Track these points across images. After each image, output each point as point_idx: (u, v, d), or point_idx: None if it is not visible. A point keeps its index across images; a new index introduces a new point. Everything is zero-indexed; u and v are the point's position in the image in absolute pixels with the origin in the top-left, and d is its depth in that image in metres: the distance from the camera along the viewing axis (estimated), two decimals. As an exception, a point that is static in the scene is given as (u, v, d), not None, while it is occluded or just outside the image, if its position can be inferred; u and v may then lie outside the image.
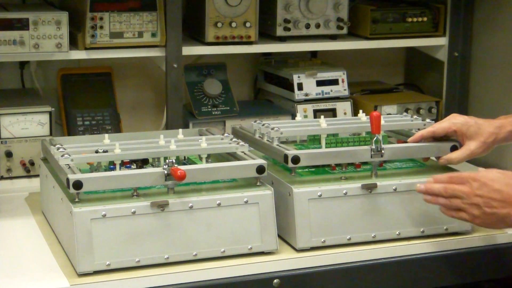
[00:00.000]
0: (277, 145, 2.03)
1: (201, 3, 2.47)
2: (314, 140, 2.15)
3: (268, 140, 2.07)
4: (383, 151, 1.99)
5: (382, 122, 2.04)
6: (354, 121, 2.17)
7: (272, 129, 2.06)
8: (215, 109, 2.59)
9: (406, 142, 2.08)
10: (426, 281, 2.00)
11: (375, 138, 1.99)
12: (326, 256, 1.91)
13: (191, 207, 1.82)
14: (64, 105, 2.52)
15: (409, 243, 1.98)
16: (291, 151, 1.95)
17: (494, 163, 2.63)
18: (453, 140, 2.06)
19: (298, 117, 2.21)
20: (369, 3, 2.73)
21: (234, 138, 2.03)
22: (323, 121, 2.10)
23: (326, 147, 2.06)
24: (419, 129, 2.12)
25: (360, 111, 2.19)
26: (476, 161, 2.70)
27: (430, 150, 2.07)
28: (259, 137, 2.11)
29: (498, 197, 1.80)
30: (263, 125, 2.10)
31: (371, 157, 1.99)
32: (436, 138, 2.07)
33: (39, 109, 2.36)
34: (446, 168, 2.08)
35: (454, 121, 2.05)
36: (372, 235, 1.96)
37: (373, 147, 1.99)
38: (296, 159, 1.93)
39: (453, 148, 2.05)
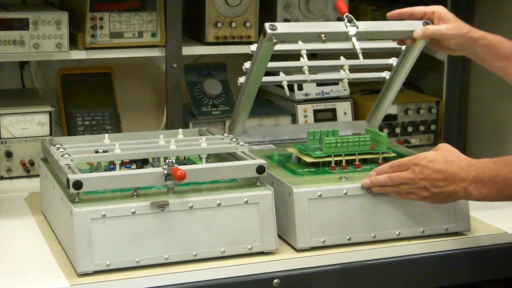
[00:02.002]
0: None
1: (201, 3, 2.47)
2: (314, 140, 2.15)
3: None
4: (357, 23, 2.02)
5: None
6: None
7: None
8: (215, 109, 2.59)
9: (405, 142, 2.09)
10: (426, 281, 2.00)
11: (345, 15, 2.02)
12: (326, 256, 1.91)
13: (191, 207, 1.82)
14: (64, 105, 2.52)
15: (409, 243, 1.98)
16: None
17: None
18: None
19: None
20: (369, 3, 2.73)
21: (234, 138, 2.03)
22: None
23: (325, 147, 2.06)
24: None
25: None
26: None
27: (403, 24, 2.07)
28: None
29: (441, 177, 1.87)
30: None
31: (346, 28, 2.01)
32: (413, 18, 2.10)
33: (39, 109, 2.36)
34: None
35: (433, 5, 2.07)
36: (372, 235, 1.96)
37: (346, 21, 2.01)
38: (274, 28, 1.94)
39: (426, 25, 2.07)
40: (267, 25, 1.96)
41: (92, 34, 2.34)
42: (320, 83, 2.66)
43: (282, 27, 1.97)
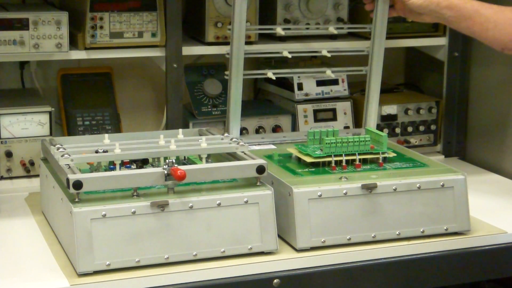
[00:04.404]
0: None
1: (201, 3, 2.47)
2: (314, 140, 2.15)
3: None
4: None
5: None
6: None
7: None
8: (215, 109, 2.59)
9: (405, 142, 2.09)
10: (426, 281, 2.00)
11: None
12: (326, 256, 1.91)
13: (191, 207, 1.82)
14: (64, 105, 2.52)
15: (409, 243, 1.98)
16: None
17: (494, 163, 2.64)
18: None
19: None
20: (369, 3, 2.73)
21: (234, 138, 2.03)
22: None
23: (325, 147, 2.06)
24: None
25: None
26: (476, 162, 2.71)
27: None
28: None
29: None
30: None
31: None
32: None
33: (39, 109, 2.36)
34: (445, 168, 2.08)
35: None
36: (372, 235, 1.96)
37: None
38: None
39: None
40: None
41: (92, 34, 2.34)
42: (320, 83, 2.66)
43: None
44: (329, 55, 2.31)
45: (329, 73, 2.34)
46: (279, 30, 2.24)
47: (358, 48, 2.38)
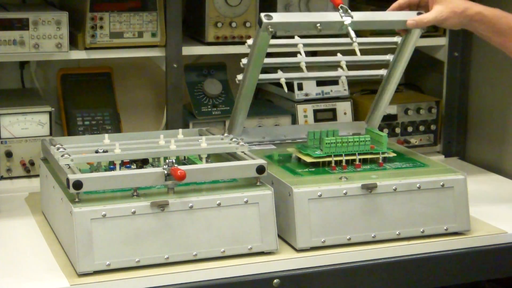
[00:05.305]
0: None
1: (201, 3, 2.47)
2: (314, 140, 2.15)
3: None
4: (352, 13, 2.01)
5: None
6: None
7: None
8: (215, 109, 2.59)
9: (405, 142, 2.09)
10: (426, 281, 2.00)
11: (340, 6, 2.01)
12: (326, 256, 1.91)
13: (191, 207, 1.82)
14: (64, 105, 2.52)
15: (409, 243, 1.98)
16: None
17: (494, 163, 2.64)
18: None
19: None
20: (369, 3, 2.73)
21: (234, 138, 2.03)
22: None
23: (325, 147, 2.06)
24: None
25: None
26: (476, 162, 2.71)
27: (397, 15, 2.08)
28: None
29: None
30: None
31: (341, 17, 2.00)
32: (411, 7, 2.11)
33: (39, 109, 2.36)
34: (445, 168, 2.08)
35: None
36: (372, 235, 1.96)
37: (341, 11, 2.01)
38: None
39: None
40: (262, 15, 1.95)
41: (92, 34, 2.34)
42: (320, 83, 2.66)
43: (277, 17, 1.97)
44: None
45: (344, 81, 2.32)
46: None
47: (381, 60, 2.31)
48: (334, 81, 2.67)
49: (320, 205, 1.91)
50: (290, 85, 2.65)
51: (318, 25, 2.00)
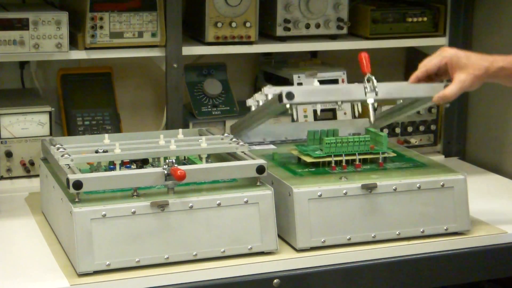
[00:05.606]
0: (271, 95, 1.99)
1: (201, 3, 2.47)
2: (314, 140, 2.15)
3: (263, 99, 2.03)
4: (376, 89, 1.97)
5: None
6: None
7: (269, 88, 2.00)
8: (215, 109, 2.59)
9: (405, 142, 2.08)
10: (426, 281, 2.00)
11: (367, 76, 1.97)
12: (326, 256, 1.91)
13: (191, 207, 1.82)
14: (64, 105, 2.52)
15: (409, 243, 1.98)
16: (285, 88, 1.89)
17: (495, 163, 2.64)
18: (446, 80, 2.04)
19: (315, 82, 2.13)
20: (369, 3, 2.73)
21: (234, 138, 2.03)
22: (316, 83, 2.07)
23: (325, 147, 2.06)
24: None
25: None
26: (476, 162, 2.71)
27: (424, 89, 2.03)
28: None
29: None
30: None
31: (365, 95, 1.97)
32: (431, 77, 2.05)
33: (39, 109, 2.36)
34: (445, 168, 2.08)
35: (444, 55, 2.02)
36: (372, 235, 1.96)
37: (366, 85, 1.97)
38: (291, 95, 1.88)
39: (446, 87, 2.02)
40: (284, 93, 1.91)
41: (92, 34, 2.34)
42: (320, 83, 2.65)
43: (299, 96, 1.92)
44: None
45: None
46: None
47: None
48: (334, 81, 2.67)
49: (320, 205, 1.91)
50: (290, 85, 2.65)
51: (339, 102, 1.99)
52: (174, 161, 1.84)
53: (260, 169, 1.90)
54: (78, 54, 2.35)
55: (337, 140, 2.07)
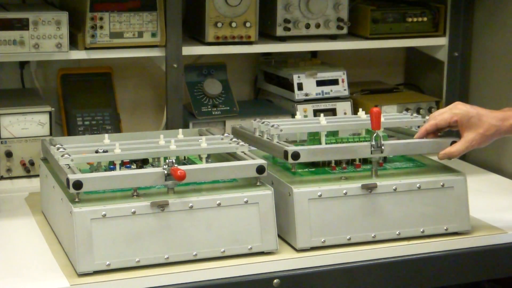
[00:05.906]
0: (277, 142, 2.03)
1: (201, 3, 2.47)
2: (314, 140, 2.15)
3: (268, 138, 2.07)
4: (383, 147, 1.99)
5: (382, 119, 2.04)
6: (354, 119, 2.17)
7: (272, 126, 2.06)
8: (215, 109, 2.59)
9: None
10: (426, 281, 2.00)
11: (375, 134, 1.99)
12: (326, 256, 1.91)
13: (191, 207, 1.82)
14: (64, 105, 2.52)
15: (409, 243, 1.98)
16: (291, 147, 1.95)
17: (494, 163, 2.64)
18: (452, 135, 2.05)
19: (298, 116, 2.21)
20: (369, 3, 2.73)
21: (234, 138, 2.03)
22: (323, 119, 2.10)
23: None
24: (418, 127, 2.11)
25: (360, 109, 2.19)
26: (476, 162, 2.71)
27: (430, 146, 2.06)
28: (259, 135, 2.11)
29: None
30: (262, 123, 2.10)
31: (371, 153, 1.99)
32: (439, 130, 2.06)
33: (39, 109, 2.36)
34: (445, 168, 2.08)
35: (455, 111, 2.03)
36: (372, 235, 1.96)
37: (373, 143, 1.98)
38: (296, 155, 1.93)
39: (453, 143, 2.04)
40: (290, 153, 1.93)
41: (92, 34, 2.34)
42: (320, 83, 2.66)
43: (304, 156, 1.95)
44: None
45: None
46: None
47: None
48: (334, 81, 2.67)
49: (320, 205, 1.91)
50: (290, 85, 2.65)
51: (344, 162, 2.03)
52: (174, 161, 1.84)
53: (260, 169, 1.90)
54: (78, 54, 2.35)
55: (337, 140, 2.07)
